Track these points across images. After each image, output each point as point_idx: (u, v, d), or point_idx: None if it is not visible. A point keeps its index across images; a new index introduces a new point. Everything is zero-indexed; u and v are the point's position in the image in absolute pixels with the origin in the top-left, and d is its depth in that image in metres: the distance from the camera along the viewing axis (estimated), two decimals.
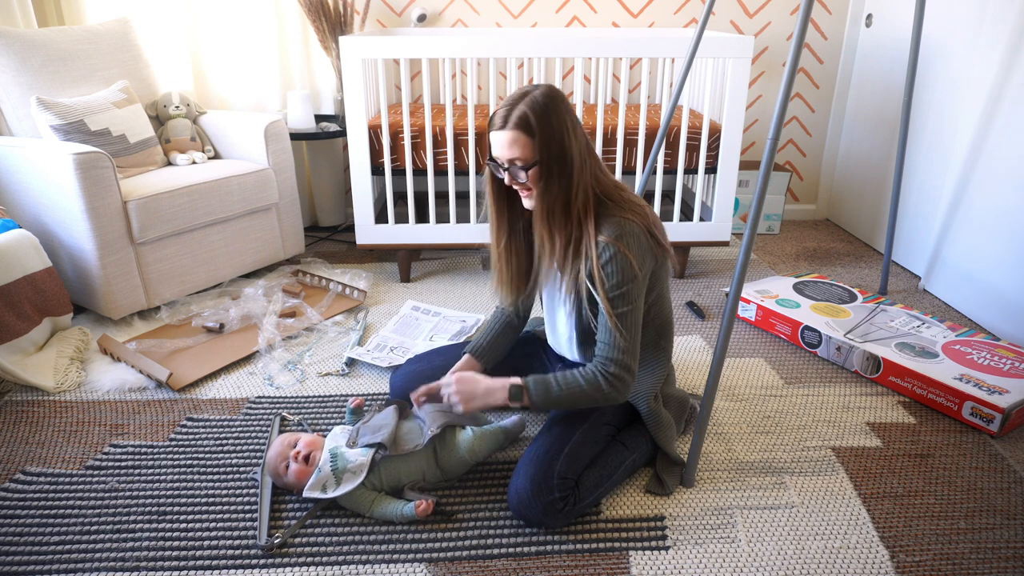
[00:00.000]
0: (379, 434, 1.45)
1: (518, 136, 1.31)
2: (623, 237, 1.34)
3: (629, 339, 1.37)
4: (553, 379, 1.39)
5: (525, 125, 1.30)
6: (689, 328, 2.31)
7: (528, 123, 1.29)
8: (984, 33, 2.31)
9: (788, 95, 1.32)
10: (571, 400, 1.38)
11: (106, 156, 2.09)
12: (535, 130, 1.29)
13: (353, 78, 2.34)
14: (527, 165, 1.32)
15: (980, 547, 1.36)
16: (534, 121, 1.29)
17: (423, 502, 1.38)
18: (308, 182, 3.27)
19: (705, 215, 2.72)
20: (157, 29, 2.89)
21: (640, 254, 1.36)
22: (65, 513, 1.45)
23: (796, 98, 3.31)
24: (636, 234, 1.36)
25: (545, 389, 1.38)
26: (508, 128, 1.31)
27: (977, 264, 2.33)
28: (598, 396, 1.37)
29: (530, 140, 1.30)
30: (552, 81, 3.15)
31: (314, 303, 2.41)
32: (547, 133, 1.30)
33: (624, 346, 1.36)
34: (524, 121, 1.30)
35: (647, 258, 1.39)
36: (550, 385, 1.38)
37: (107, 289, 2.17)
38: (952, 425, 1.77)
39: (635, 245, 1.35)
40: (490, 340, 1.64)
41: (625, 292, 1.35)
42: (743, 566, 1.32)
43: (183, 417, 1.79)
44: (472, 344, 1.64)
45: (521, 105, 1.30)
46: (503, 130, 1.32)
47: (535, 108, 1.30)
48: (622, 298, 1.35)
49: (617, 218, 1.36)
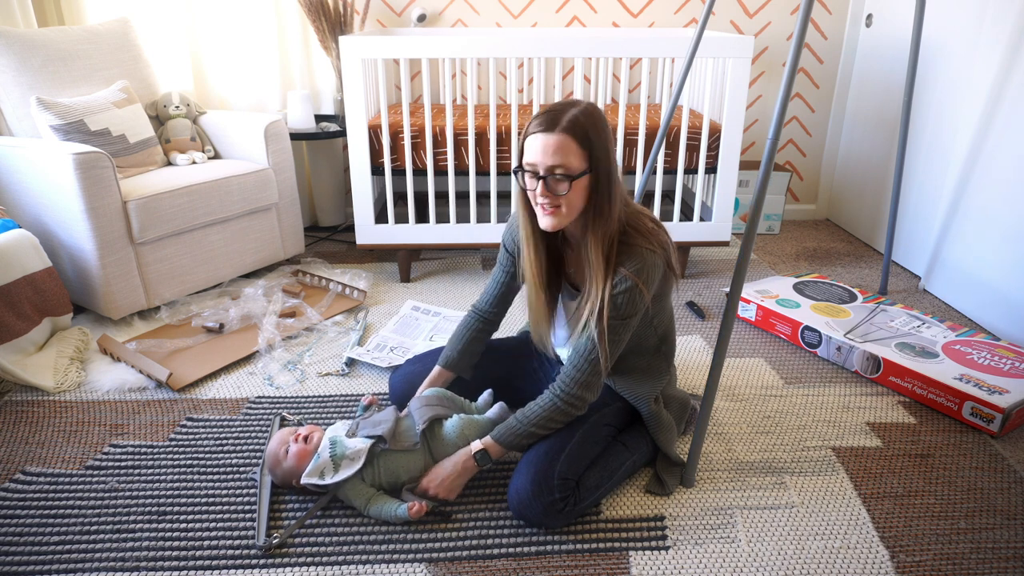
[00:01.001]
0: (379, 428, 1.46)
1: (568, 143, 1.20)
2: (644, 271, 1.32)
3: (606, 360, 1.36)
4: (514, 420, 1.40)
5: (579, 131, 1.19)
6: (689, 328, 2.30)
7: (582, 129, 1.19)
8: (984, 33, 2.31)
9: (788, 95, 1.32)
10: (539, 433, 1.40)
11: (106, 156, 2.09)
12: (590, 138, 1.20)
13: (353, 78, 2.34)
14: (572, 175, 1.21)
15: (980, 547, 1.36)
16: (589, 128, 1.20)
17: (416, 504, 1.37)
18: (308, 182, 3.27)
19: (705, 215, 2.72)
20: (157, 29, 2.89)
21: (652, 286, 1.36)
22: (65, 513, 1.45)
23: (796, 98, 3.31)
24: (657, 267, 1.35)
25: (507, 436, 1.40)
26: (557, 132, 1.19)
27: (977, 264, 2.33)
28: (562, 419, 1.40)
29: (580, 149, 1.21)
30: (552, 81, 3.15)
31: (314, 303, 2.41)
32: (599, 145, 1.22)
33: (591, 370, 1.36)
34: (578, 127, 1.19)
35: (657, 284, 1.39)
36: (511, 429, 1.40)
37: (107, 289, 2.17)
38: (952, 425, 1.76)
39: (652, 278, 1.34)
40: (461, 348, 1.62)
41: (625, 323, 1.35)
42: (743, 566, 1.32)
43: (183, 417, 1.79)
44: (443, 356, 1.63)
45: (573, 110, 1.21)
46: (550, 133, 1.20)
47: (588, 116, 1.21)
48: (620, 327, 1.35)
49: (642, 249, 1.32)
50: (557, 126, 1.20)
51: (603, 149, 1.23)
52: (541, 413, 1.39)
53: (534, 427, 1.39)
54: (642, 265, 1.32)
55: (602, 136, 1.24)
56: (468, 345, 1.63)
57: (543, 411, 1.39)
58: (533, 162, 1.24)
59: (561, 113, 1.21)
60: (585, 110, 1.24)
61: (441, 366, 1.62)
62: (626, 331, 1.37)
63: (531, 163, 1.24)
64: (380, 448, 1.44)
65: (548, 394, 1.40)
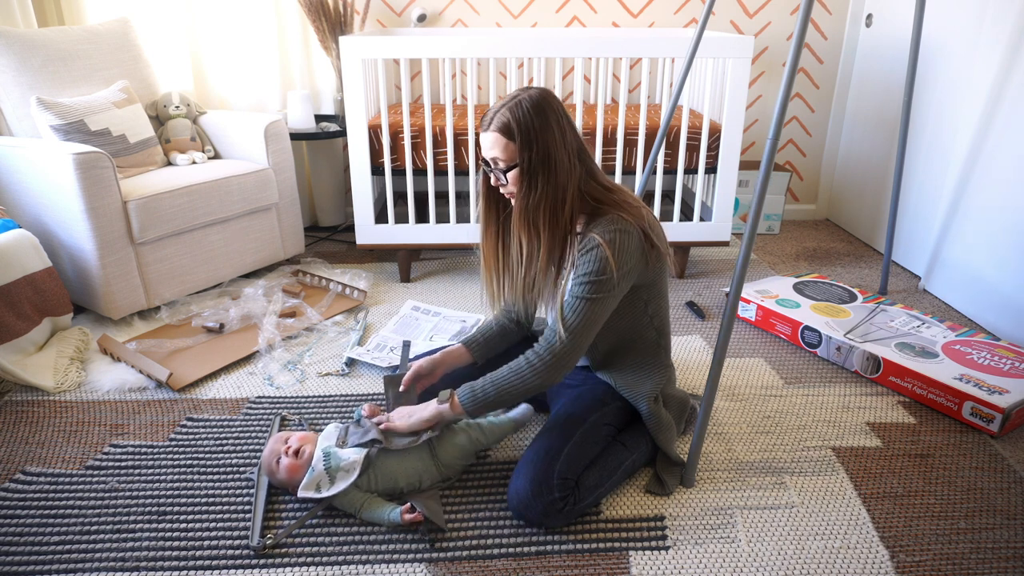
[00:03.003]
0: (370, 433, 1.45)
1: (498, 138, 1.34)
2: (615, 233, 1.34)
3: (580, 328, 1.36)
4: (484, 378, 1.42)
5: (505, 128, 1.33)
6: (689, 328, 2.31)
7: (508, 126, 1.32)
8: (984, 33, 2.31)
9: (788, 95, 1.32)
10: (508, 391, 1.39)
11: (106, 156, 2.09)
12: (515, 133, 1.32)
13: (353, 78, 2.34)
14: (507, 167, 1.35)
15: (980, 547, 1.36)
16: (514, 124, 1.32)
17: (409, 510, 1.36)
18: (308, 182, 3.27)
19: (705, 215, 2.72)
20: (157, 29, 2.89)
21: (628, 251, 1.35)
22: (65, 513, 1.45)
23: (796, 98, 3.31)
24: (629, 232, 1.35)
25: (472, 388, 1.41)
26: (490, 130, 1.35)
27: (977, 264, 2.33)
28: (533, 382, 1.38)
29: (510, 143, 1.33)
30: (552, 81, 3.15)
31: (314, 303, 2.41)
32: (528, 136, 1.32)
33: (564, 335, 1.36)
34: (504, 124, 1.33)
35: (636, 257, 1.37)
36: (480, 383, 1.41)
37: (107, 289, 2.17)
38: (952, 425, 1.76)
39: (626, 242, 1.35)
40: (486, 336, 1.64)
41: (595, 283, 1.34)
42: (743, 566, 1.32)
43: (183, 417, 1.79)
44: (468, 336, 1.66)
45: (505, 109, 1.33)
46: (487, 132, 1.36)
47: (518, 111, 1.32)
48: (589, 286, 1.35)
49: (612, 215, 1.37)
50: (490, 125, 1.35)
51: (532, 138, 1.32)
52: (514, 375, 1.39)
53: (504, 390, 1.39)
54: (614, 228, 1.34)
55: (535, 124, 1.32)
56: (492, 337, 1.65)
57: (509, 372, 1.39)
58: (484, 156, 1.40)
59: (497, 110, 1.35)
60: (519, 103, 1.33)
61: (462, 343, 1.64)
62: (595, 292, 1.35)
63: (483, 157, 1.41)
64: (375, 450, 1.43)
65: (522, 358, 1.40)
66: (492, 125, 1.34)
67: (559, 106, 1.35)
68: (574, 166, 1.36)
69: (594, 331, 1.39)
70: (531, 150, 1.32)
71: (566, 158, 1.34)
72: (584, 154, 1.39)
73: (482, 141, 1.38)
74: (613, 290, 1.36)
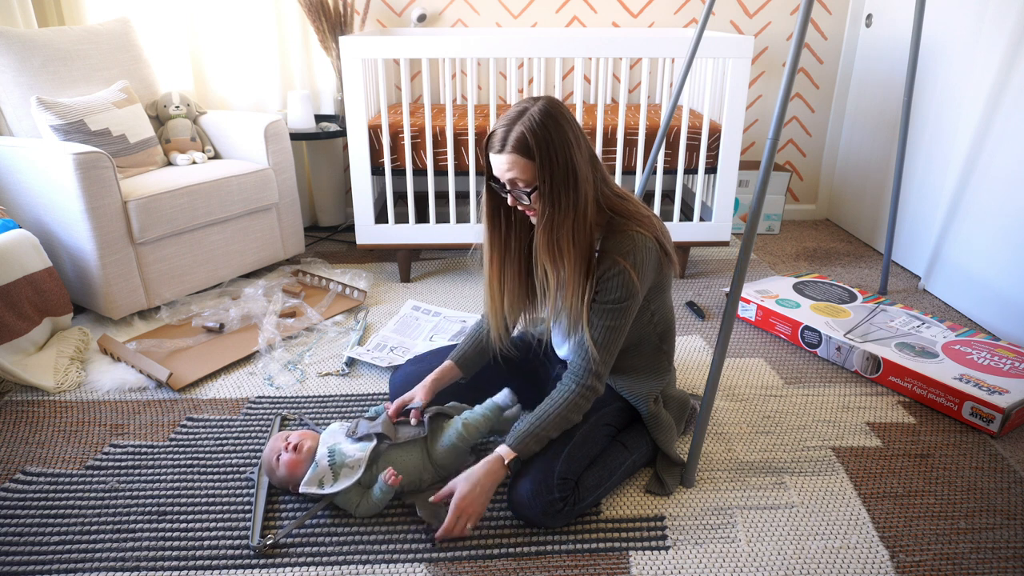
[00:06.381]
0: (377, 423, 1.46)
1: (516, 159, 1.25)
2: (635, 253, 1.32)
3: (608, 354, 1.37)
4: (529, 424, 1.38)
5: (524, 148, 1.24)
6: (689, 328, 2.30)
7: (527, 145, 1.24)
8: (984, 33, 2.31)
9: (788, 95, 1.32)
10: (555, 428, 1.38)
11: (106, 156, 2.09)
12: (534, 152, 1.24)
13: (353, 78, 2.34)
14: (530, 188, 1.27)
15: (980, 547, 1.37)
16: (532, 141, 1.23)
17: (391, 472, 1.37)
18: (308, 182, 3.27)
19: (705, 215, 2.72)
20: (157, 29, 2.89)
21: (648, 269, 1.35)
22: (65, 513, 1.45)
23: (796, 98, 3.31)
24: (649, 248, 1.34)
25: (525, 438, 1.37)
26: (506, 152, 1.26)
27: (977, 264, 2.33)
28: (577, 414, 1.39)
29: (530, 163, 1.25)
30: (552, 81, 3.15)
31: (314, 303, 2.41)
32: (548, 153, 1.24)
33: (599, 359, 1.36)
34: (522, 144, 1.24)
35: (655, 269, 1.38)
36: (530, 429, 1.37)
37: (107, 289, 2.17)
38: (952, 425, 1.76)
39: (646, 260, 1.34)
40: (474, 349, 1.61)
41: (622, 308, 1.35)
42: (743, 566, 1.32)
43: (183, 417, 1.79)
44: (456, 351, 1.62)
45: (518, 126, 1.25)
46: (501, 153, 1.27)
47: (533, 128, 1.24)
48: (616, 312, 1.35)
49: (630, 233, 1.33)
50: (505, 145, 1.26)
51: (553, 154, 1.25)
52: (558, 409, 1.37)
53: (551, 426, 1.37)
54: (631, 247, 1.32)
55: (553, 138, 1.25)
56: (481, 349, 1.60)
57: (559, 406, 1.37)
58: (498, 177, 1.32)
59: (509, 129, 1.26)
60: (531, 119, 1.25)
61: (452, 360, 1.60)
62: (622, 317, 1.35)
63: (496, 178, 1.33)
64: (384, 445, 1.44)
65: (561, 388, 1.39)
66: (508, 145, 1.25)
67: (568, 112, 1.29)
68: (589, 174, 1.32)
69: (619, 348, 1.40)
70: (553, 167, 1.25)
71: (585, 167, 1.30)
72: (595, 158, 1.35)
73: (494, 163, 1.28)
74: (636, 306, 1.38)
